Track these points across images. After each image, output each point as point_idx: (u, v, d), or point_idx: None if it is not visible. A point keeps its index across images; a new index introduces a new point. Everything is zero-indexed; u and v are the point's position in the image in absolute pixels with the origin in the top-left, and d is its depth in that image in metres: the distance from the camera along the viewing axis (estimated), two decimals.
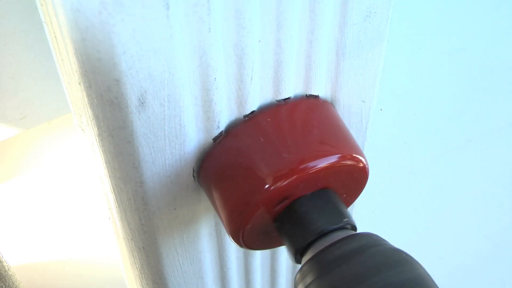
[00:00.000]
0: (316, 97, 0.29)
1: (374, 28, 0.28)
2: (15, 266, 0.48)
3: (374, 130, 0.35)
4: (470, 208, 0.79)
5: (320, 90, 0.29)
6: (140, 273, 0.33)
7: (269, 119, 0.27)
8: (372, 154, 0.35)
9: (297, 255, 0.27)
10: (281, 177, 0.26)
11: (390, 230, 0.26)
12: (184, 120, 0.25)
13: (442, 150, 0.64)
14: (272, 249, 0.39)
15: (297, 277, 0.25)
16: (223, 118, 0.27)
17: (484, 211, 0.83)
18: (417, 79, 0.51)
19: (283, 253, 0.39)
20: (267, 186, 0.26)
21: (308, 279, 0.24)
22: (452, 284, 0.92)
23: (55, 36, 0.24)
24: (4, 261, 0.37)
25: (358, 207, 0.41)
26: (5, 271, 0.38)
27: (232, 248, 0.35)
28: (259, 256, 0.38)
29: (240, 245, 0.28)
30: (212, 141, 0.27)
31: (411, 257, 0.24)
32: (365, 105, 0.32)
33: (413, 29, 0.45)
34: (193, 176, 0.28)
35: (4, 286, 0.36)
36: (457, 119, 0.61)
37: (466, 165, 0.70)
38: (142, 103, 0.23)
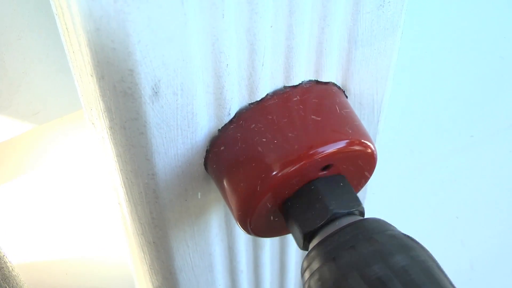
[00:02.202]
0: (326, 83, 0.29)
1: (387, 17, 0.28)
2: (20, 264, 0.48)
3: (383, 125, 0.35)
4: (478, 206, 0.79)
5: (331, 77, 0.29)
6: (150, 268, 0.33)
7: (276, 105, 0.27)
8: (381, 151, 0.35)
9: (304, 241, 0.27)
10: (288, 163, 0.26)
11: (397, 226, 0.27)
12: (196, 108, 0.25)
13: (451, 148, 0.64)
14: (281, 243, 0.39)
15: (304, 262, 0.25)
16: (234, 105, 0.27)
17: (492, 210, 0.82)
18: (428, 76, 0.51)
19: (292, 246, 0.39)
20: (275, 172, 0.26)
21: (315, 265, 0.24)
22: (456, 282, 0.91)
23: (67, 28, 0.24)
24: (8, 262, 0.37)
25: (368, 202, 0.41)
26: (9, 271, 0.38)
27: (242, 240, 0.35)
28: (268, 249, 0.38)
29: (248, 232, 0.28)
30: (221, 129, 0.27)
31: (418, 242, 0.24)
32: (377, 96, 0.32)
33: (425, 24, 0.45)
34: (204, 164, 0.28)
35: (8, 287, 0.36)
36: (466, 117, 0.61)
37: (475, 163, 0.70)
38: (156, 92, 0.23)
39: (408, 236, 0.24)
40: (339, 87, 0.30)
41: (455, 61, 0.52)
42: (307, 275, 0.25)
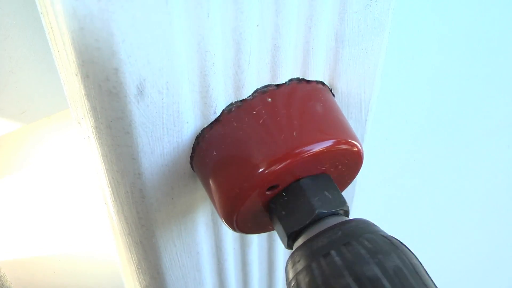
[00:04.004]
0: (312, 82, 0.29)
1: (375, 17, 0.28)
2: (8, 262, 0.48)
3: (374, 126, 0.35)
4: (470, 207, 0.80)
5: (318, 76, 0.29)
6: (137, 268, 0.33)
7: (263, 103, 0.27)
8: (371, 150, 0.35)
9: (289, 240, 0.27)
10: (274, 161, 0.26)
11: (385, 225, 0.27)
12: (182, 107, 0.25)
13: (440, 147, 0.64)
14: (269, 241, 0.39)
15: (288, 263, 0.25)
16: (220, 104, 0.27)
17: (485, 211, 0.83)
18: (416, 75, 0.51)
19: (280, 244, 0.39)
20: (260, 170, 0.26)
21: (299, 266, 0.24)
22: (449, 283, 0.92)
23: (51, 27, 0.24)
24: None
25: (357, 203, 0.41)
26: None
27: (229, 238, 0.35)
28: (256, 248, 0.38)
29: (234, 230, 0.28)
30: (207, 127, 0.27)
31: (403, 244, 0.24)
32: (365, 95, 0.32)
33: (413, 23, 0.45)
34: (190, 163, 0.28)
35: None
36: (455, 115, 0.61)
37: (466, 162, 0.70)
38: (141, 91, 0.23)
39: (391, 238, 0.24)
40: (326, 86, 0.30)
41: (444, 60, 0.52)
42: (291, 274, 0.24)
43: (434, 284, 0.23)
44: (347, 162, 0.28)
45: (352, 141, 0.27)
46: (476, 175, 0.75)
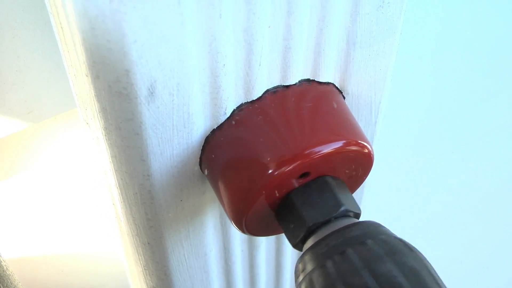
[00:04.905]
0: (323, 84, 0.29)
1: (387, 19, 0.28)
2: (15, 262, 0.48)
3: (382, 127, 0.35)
4: (477, 205, 0.79)
5: (329, 78, 0.29)
6: (145, 269, 0.33)
7: (273, 104, 0.27)
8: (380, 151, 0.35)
9: (299, 241, 0.27)
10: (284, 162, 0.25)
11: (394, 227, 0.27)
12: (192, 109, 0.25)
13: (449, 148, 0.64)
14: (277, 243, 0.39)
15: (299, 265, 0.25)
16: (230, 105, 0.27)
17: (492, 210, 0.82)
18: (426, 77, 0.51)
19: (288, 246, 0.39)
20: (270, 171, 0.25)
21: (309, 267, 0.24)
22: (455, 282, 0.92)
23: (62, 27, 0.24)
24: (2, 261, 0.37)
25: (365, 203, 0.41)
26: (3, 271, 0.37)
27: (237, 241, 0.35)
28: (263, 250, 0.38)
29: (243, 232, 0.28)
30: (216, 128, 0.27)
31: (412, 246, 0.24)
32: (375, 97, 0.32)
33: (423, 25, 0.45)
34: (199, 164, 0.28)
35: (2, 287, 0.36)
36: (465, 117, 0.61)
37: (475, 163, 0.70)
38: (152, 93, 0.23)
39: (400, 240, 0.24)
40: (336, 88, 0.30)
41: (454, 62, 0.52)
42: (302, 275, 0.24)
43: (442, 286, 0.23)
44: (358, 163, 0.28)
45: (362, 143, 0.27)
46: (488, 178, 0.74)
